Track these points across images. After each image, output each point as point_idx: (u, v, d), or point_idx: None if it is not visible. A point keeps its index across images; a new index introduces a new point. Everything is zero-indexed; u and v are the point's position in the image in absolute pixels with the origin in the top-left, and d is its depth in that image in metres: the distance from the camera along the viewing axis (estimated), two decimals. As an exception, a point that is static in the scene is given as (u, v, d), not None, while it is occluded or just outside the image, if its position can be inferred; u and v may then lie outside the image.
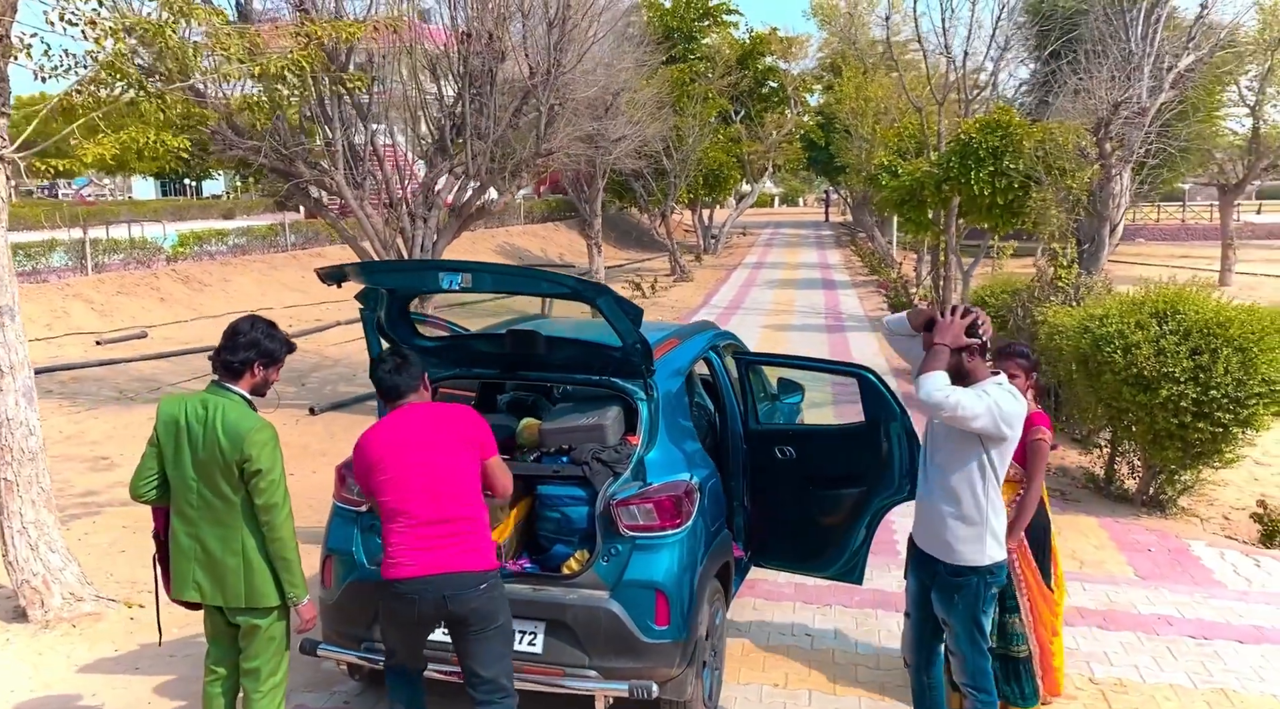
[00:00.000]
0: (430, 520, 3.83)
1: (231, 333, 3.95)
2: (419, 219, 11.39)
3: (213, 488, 3.84)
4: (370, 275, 4.70)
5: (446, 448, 3.88)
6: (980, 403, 3.76)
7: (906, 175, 16.68)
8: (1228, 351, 7.06)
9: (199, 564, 3.90)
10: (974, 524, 3.93)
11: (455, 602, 3.81)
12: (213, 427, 3.81)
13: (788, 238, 47.59)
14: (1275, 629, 5.82)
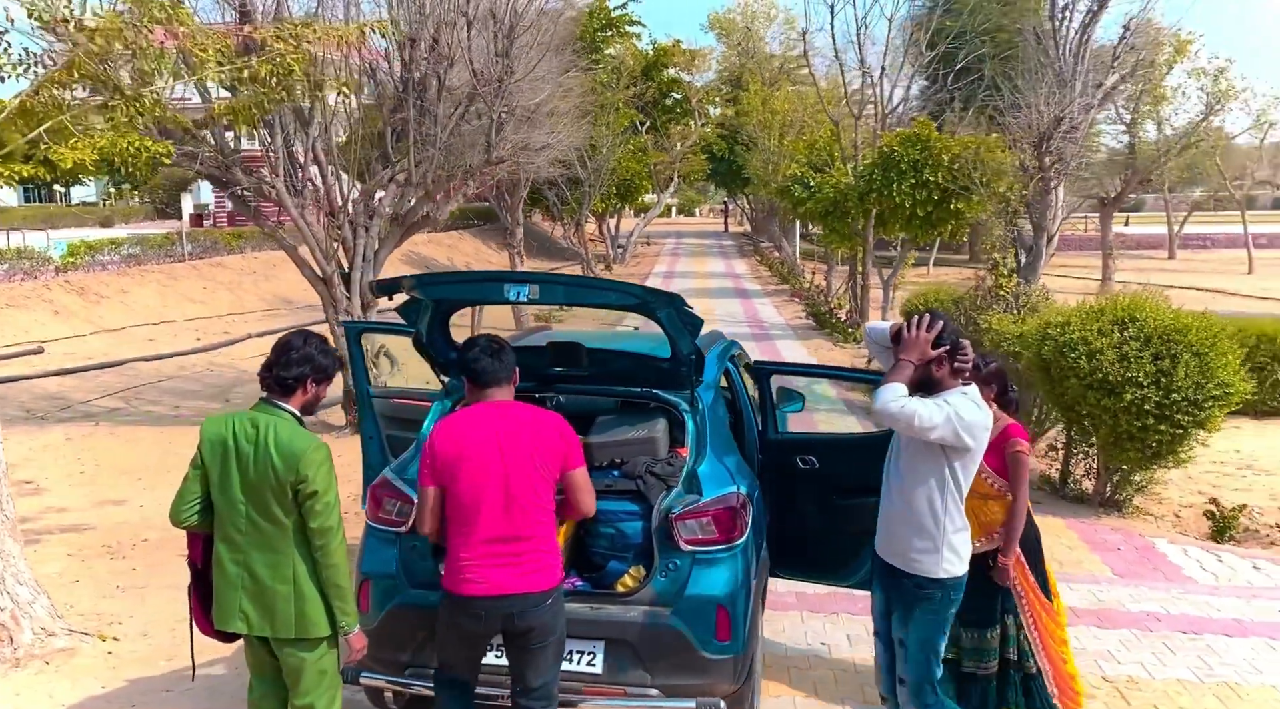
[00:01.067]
0: (502, 537, 3.71)
1: (283, 348, 3.75)
2: (360, 227, 11.07)
3: (263, 511, 3.62)
4: (431, 287, 4.52)
5: (529, 457, 3.74)
6: (939, 413, 3.70)
7: (830, 187, 17.01)
8: (1187, 356, 7.40)
9: (246, 593, 3.67)
10: (930, 536, 3.86)
11: (521, 619, 3.71)
12: (265, 446, 3.60)
13: (691, 247, 48.06)
14: (1254, 622, 6.11)
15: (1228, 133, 40.10)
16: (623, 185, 28.23)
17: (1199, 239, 51.91)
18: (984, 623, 4.49)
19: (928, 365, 3.82)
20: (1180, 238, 49.06)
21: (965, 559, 3.95)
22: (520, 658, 3.81)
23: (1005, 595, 4.47)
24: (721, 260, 40.26)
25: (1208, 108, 32.85)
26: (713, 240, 53.63)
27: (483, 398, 3.87)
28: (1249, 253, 41.37)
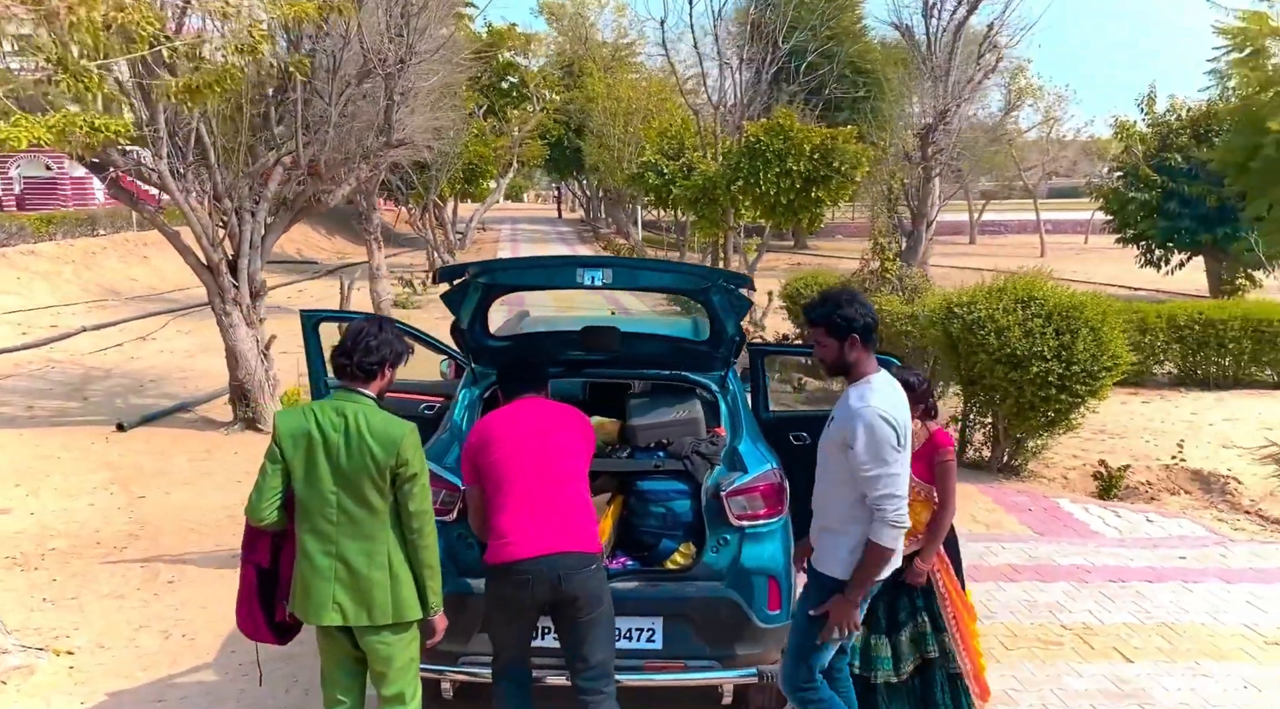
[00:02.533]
0: (545, 502, 3.84)
1: (359, 334, 3.72)
2: (246, 213, 10.57)
3: (358, 498, 3.59)
4: (500, 274, 4.46)
5: (563, 443, 3.95)
6: (878, 454, 3.59)
7: (699, 175, 17.41)
8: (1085, 331, 8.12)
9: (340, 584, 3.62)
10: (837, 535, 3.80)
11: (568, 582, 3.79)
12: (358, 434, 3.57)
13: (529, 234, 47.87)
14: (1165, 569, 6.82)
15: (1021, 128, 43.43)
16: (468, 170, 27.83)
17: (995, 226, 55.93)
18: (896, 626, 4.39)
19: (841, 348, 3.73)
20: (979, 225, 52.75)
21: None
22: (574, 634, 3.89)
23: (917, 595, 4.38)
24: (563, 246, 40.37)
25: (1008, 104, 35.49)
26: (548, 226, 53.64)
27: (519, 395, 4.11)
28: (1041, 238, 44.98)
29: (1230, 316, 14.23)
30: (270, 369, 10.87)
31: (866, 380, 3.73)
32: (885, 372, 3.84)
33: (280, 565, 3.85)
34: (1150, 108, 25.39)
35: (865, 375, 3.75)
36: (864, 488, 3.65)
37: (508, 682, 3.97)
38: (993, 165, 41.15)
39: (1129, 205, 24.35)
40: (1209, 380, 14.35)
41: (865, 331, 3.73)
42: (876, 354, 3.84)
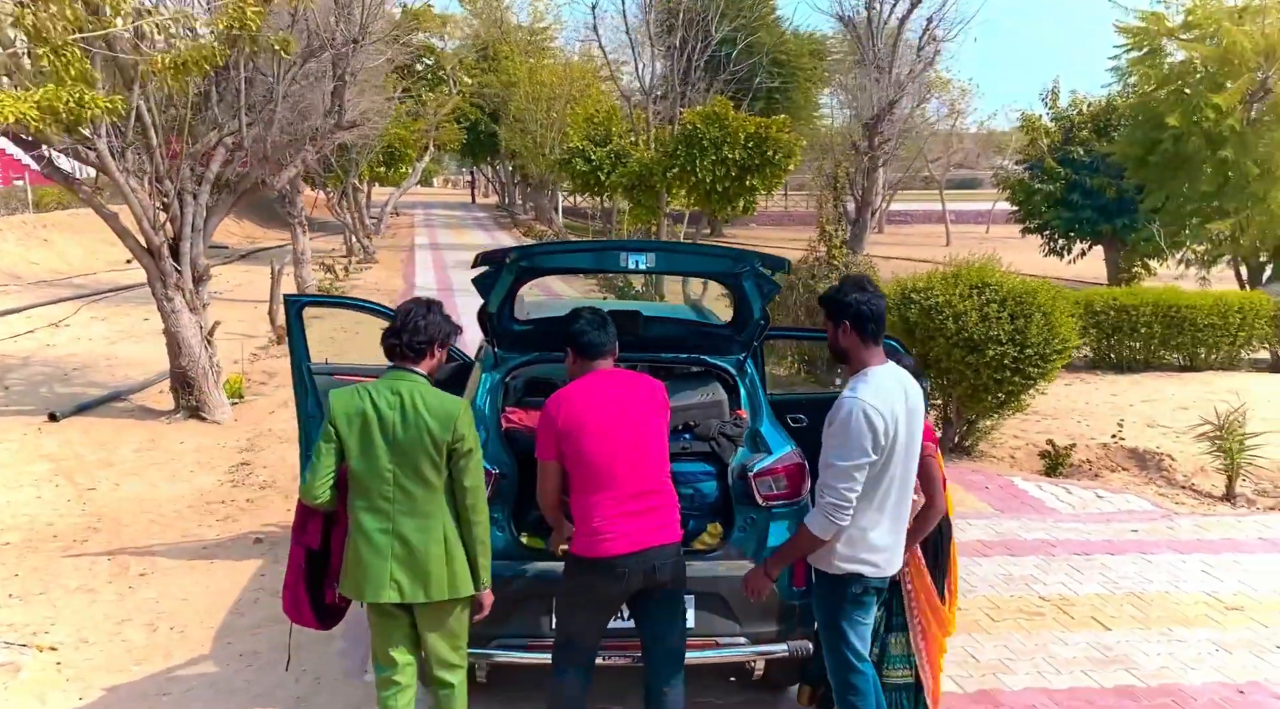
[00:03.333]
0: (636, 492, 3.82)
1: (408, 315, 3.77)
2: (189, 195, 10.22)
3: (415, 475, 3.64)
4: (543, 258, 4.42)
5: (645, 416, 3.89)
6: (843, 445, 3.64)
7: (635, 161, 17.47)
8: (1038, 316, 8.47)
9: (398, 561, 3.66)
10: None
11: (662, 571, 3.84)
12: (415, 411, 3.62)
13: (444, 219, 47.16)
14: (1122, 541, 7.19)
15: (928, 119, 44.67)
16: (387, 153, 27.32)
17: (901, 215, 57.40)
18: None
19: (836, 332, 3.79)
20: (886, 215, 54.04)
21: (863, 557, 3.82)
22: (658, 617, 3.93)
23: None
24: (482, 232, 39.93)
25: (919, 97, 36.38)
26: (462, 212, 52.94)
27: (589, 368, 3.97)
28: (946, 227, 46.36)
29: (1142, 303, 14.94)
30: (214, 356, 10.55)
31: (864, 373, 3.76)
32: (892, 365, 3.84)
33: (331, 548, 3.86)
34: (1054, 103, 26.38)
35: (865, 366, 3.77)
36: (821, 470, 3.71)
37: (574, 670, 3.94)
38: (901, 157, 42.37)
39: (1034, 196, 25.27)
40: (1122, 364, 15.06)
41: (857, 319, 3.74)
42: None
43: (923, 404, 3.91)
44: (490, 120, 40.49)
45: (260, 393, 11.76)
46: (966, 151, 51.63)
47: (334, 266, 22.52)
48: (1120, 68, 23.03)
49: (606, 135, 22.20)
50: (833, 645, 3.93)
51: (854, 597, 3.86)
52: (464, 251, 31.36)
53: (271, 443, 9.67)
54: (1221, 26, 19.55)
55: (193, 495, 8.19)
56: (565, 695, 3.98)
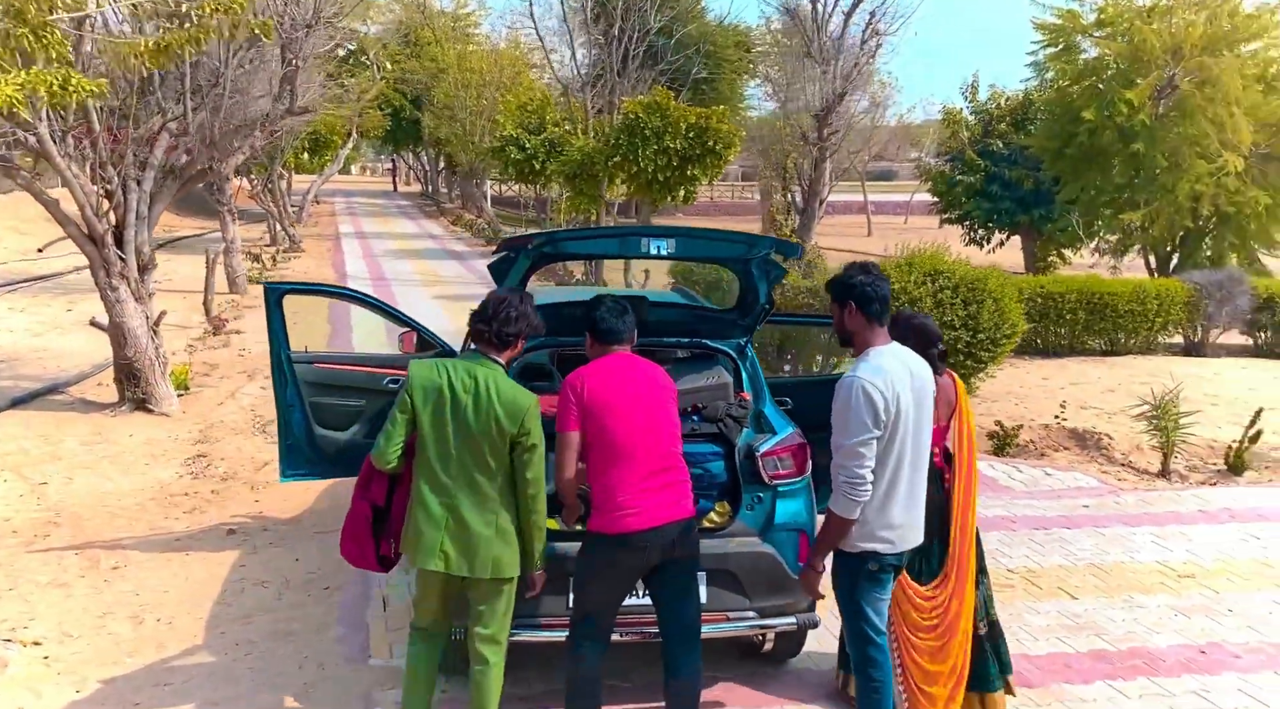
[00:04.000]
0: (654, 469, 3.94)
1: (502, 303, 3.91)
2: (132, 182, 9.95)
3: (477, 459, 3.79)
4: (566, 243, 4.46)
5: (658, 397, 4.02)
6: (845, 423, 3.77)
7: (576, 150, 17.48)
8: (989, 302, 8.80)
9: (449, 534, 3.82)
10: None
11: (680, 546, 3.98)
12: (487, 399, 3.78)
13: (366, 207, 46.34)
14: (1076, 516, 7.54)
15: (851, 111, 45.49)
16: (313, 139, 26.78)
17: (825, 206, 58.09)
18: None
19: (842, 315, 3.92)
20: (808, 204, 54.83)
21: (877, 534, 3.95)
22: (674, 592, 4.06)
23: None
24: (408, 221, 39.37)
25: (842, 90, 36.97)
26: (384, 200, 52.07)
27: (606, 352, 4.07)
28: (868, 218, 47.28)
29: (1067, 290, 15.54)
30: (160, 347, 10.30)
31: (866, 353, 3.88)
32: (896, 346, 3.96)
33: (393, 505, 4.04)
34: (974, 96, 27.16)
35: (868, 347, 3.89)
36: (833, 453, 3.86)
37: (591, 644, 4.05)
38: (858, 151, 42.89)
39: (955, 188, 25.99)
40: (1049, 349, 15.65)
41: (862, 300, 3.86)
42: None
43: (932, 384, 4.08)
44: (413, 107, 39.96)
45: (204, 384, 11.51)
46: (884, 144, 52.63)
47: (261, 256, 22.04)
48: (1038, 63, 23.83)
49: (540, 123, 22.15)
50: (852, 620, 4.09)
51: (870, 574, 4.00)
52: (391, 240, 30.97)
53: (225, 434, 9.50)
54: (1133, 25, 20.37)
55: (152, 488, 8.02)
56: (583, 669, 4.08)
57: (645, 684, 4.76)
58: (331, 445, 5.99)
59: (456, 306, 17.17)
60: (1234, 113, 19.00)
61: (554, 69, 22.58)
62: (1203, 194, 19.14)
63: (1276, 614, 5.86)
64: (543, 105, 22.20)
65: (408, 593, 5.84)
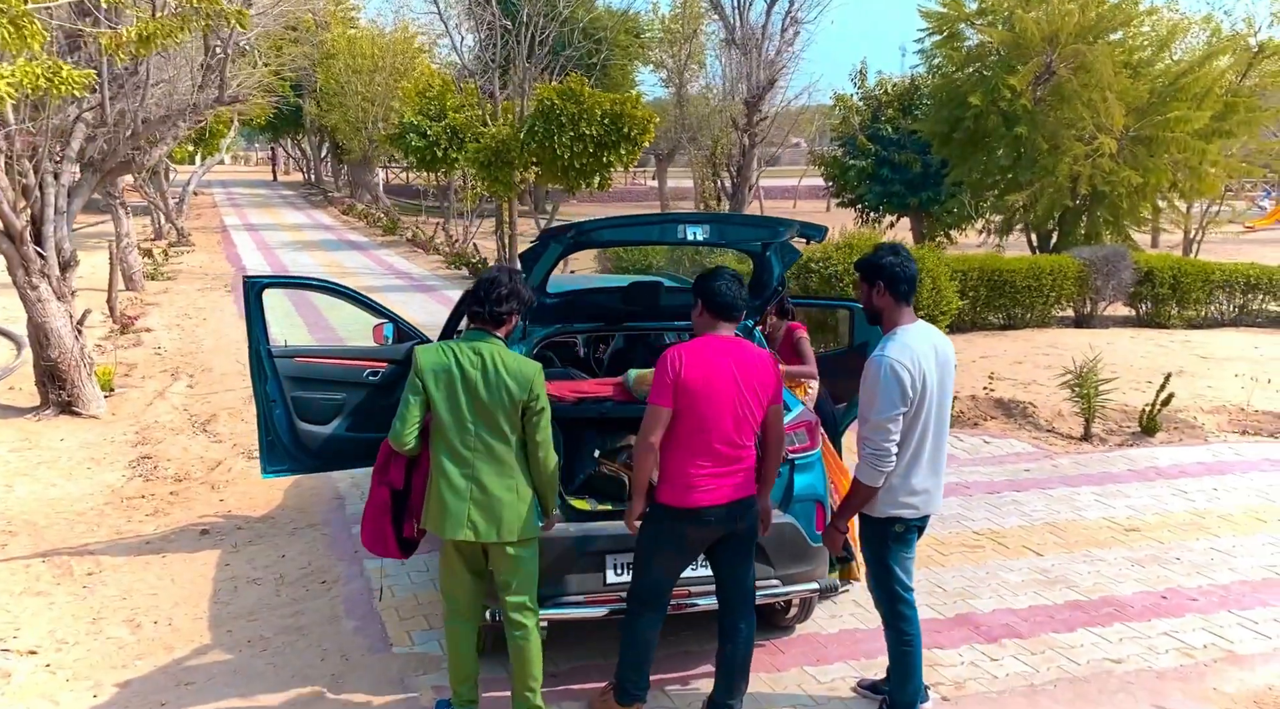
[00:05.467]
0: (730, 452, 4.07)
1: (493, 283, 4.10)
2: (49, 175, 9.50)
3: (493, 428, 4.01)
4: (606, 231, 4.52)
5: (755, 387, 4.09)
6: (874, 399, 4.05)
7: (490, 137, 17.35)
8: (927, 280, 9.22)
9: (475, 503, 4.01)
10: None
11: (742, 520, 4.17)
12: (496, 371, 3.99)
13: (249, 198, 44.69)
14: (1019, 481, 8.01)
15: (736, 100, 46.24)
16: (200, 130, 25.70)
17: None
18: None
19: (870, 293, 4.19)
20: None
21: (898, 500, 4.26)
22: (735, 561, 4.24)
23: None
24: (295, 211, 38.17)
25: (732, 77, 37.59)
26: (266, 190, 50.25)
27: (714, 329, 4.14)
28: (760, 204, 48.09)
29: (969, 268, 16.25)
30: (85, 347, 9.88)
31: (893, 332, 4.13)
32: (921, 324, 4.22)
33: (412, 487, 4.20)
34: (862, 82, 28.01)
35: (896, 325, 4.15)
36: (860, 426, 4.14)
37: (651, 611, 4.22)
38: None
39: (848, 172, 26.78)
40: (953, 324, 16.37)
41: (891, 280, 4.12)
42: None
43: (953, 357, 4.36)
44: (295, 94, 38.76)
45: (128, 384, 11.09)
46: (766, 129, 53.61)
47: (153, 251, 21.16)
48: (925, 49, 24.71)
49: (441, 110, 21.85)
50: (881, 580, 4.35)
51: (896, 536, 4.29)
52: (282, 231, 30.08)
53: (166, 435, 9.21)
54: (1013, 13, 21.32)
55: (104, 492, 7.75)
56: (640, 634, 4.24)
57: (674, 654, 4.93)
58: (314, 440, 5.93)
59: (380, 300, 16.88)
60: (1107, 97, 20.10)
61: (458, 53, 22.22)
62: (1080, 174, 20.22)
63: (1217, 560, 6.40)
64: (443, 92, 21.90)
65: (410, 584, 5.88)
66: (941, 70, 24.38)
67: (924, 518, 4.36)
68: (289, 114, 40.61)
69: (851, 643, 5.22)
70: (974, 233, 24.61)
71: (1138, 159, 20.55)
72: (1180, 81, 20.82)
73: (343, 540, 6.59)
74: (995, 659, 5.09)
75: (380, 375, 6.08)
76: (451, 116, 21.36)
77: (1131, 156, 20.57)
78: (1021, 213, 21.81)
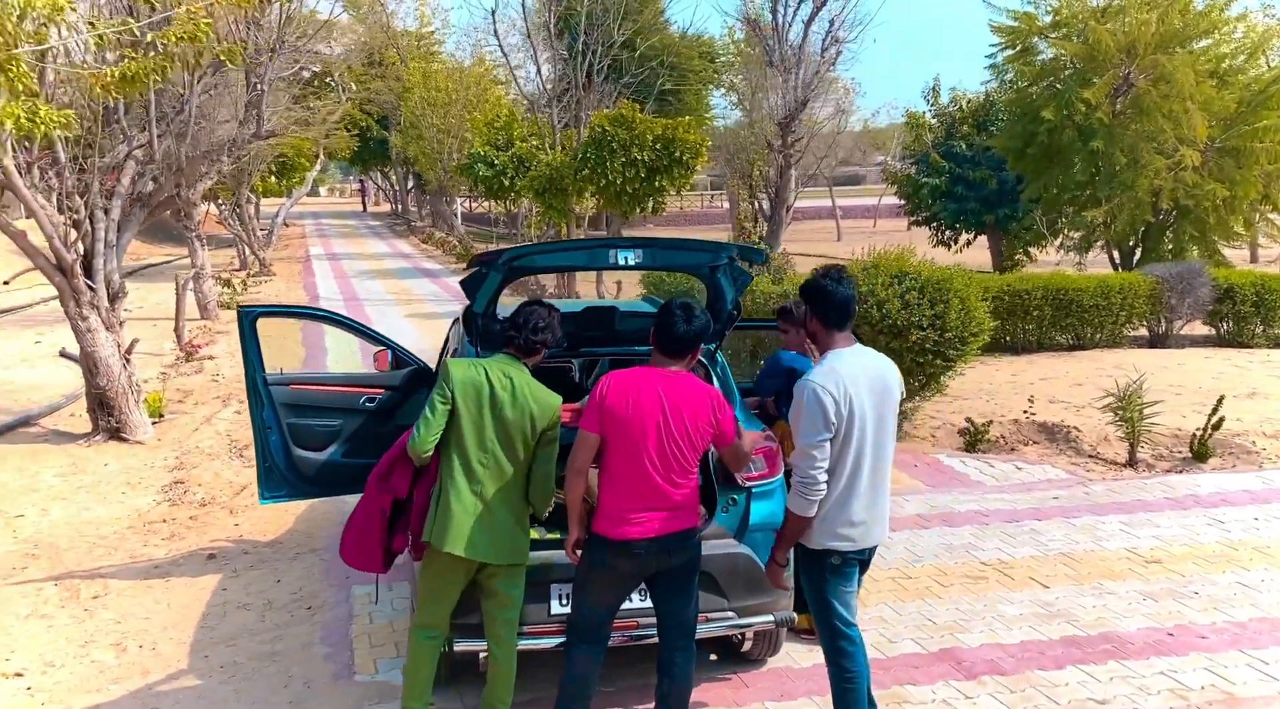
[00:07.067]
0: (663, 484, 4.00)
1: (533, 315, 4.25)
2: (99, 211, 9.94)
3: (509, 451, 4.14)
4: (536, 257, 4.54)
5: (686, 428, 4.01)
6: (798, 425, 3.94)
7: (545, 165, 17.58)
8: (955, 302, 8.94)
9: (478, 521, 4.08)
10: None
11: (676, 554, 4.08)
12: (524, 397, 4.13)
13: (337, 229, 46.19)
14: (1046, 507, 7.68)
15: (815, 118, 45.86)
16: (280, 163, 26.74)
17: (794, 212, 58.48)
18: None
19: (808, 318, 4.15)
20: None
21: (836, 532, 4.08)
22: (671, 598, 4.16)
23: None
24: (379, 241, 39.29)
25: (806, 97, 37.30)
26: (355, 221, 51.91)
27: (661, 363, 4.10)
28: (837, 223, 47.62)
29: (1034, 287, 15.77)
30: (133, 375, 10.27)
31: (824, 357, 4.04)
32: (858, 348, 4.14)
33: (414, 496, 4.28)
34: (935, 99, 27.52)
35: (828, 350, 4.05)
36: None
37: (588, 646, 4.17)
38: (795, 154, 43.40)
39: (921, 190, 26.30)
40: (1017, 345, 15.88)
41: (819, 306, 4.06)
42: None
43: (897, 383, 4.19)
44: (381, 127, 39.95)
45: (179, 411, 11.48)
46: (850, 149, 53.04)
47: (231, 280, 21.96)
48: (997, 65, 24.17)
49: (509, 140, 22.24)
50: (821, 614, 4.19)
51: (833, 568, 4.10)
52: (363, 260, 30.93)
53: (202, 460, 9.49)
54: (1087, 25, 20.71)
55: (130, 516, 8.01)
56: (578, 671, 4.17)
57: (630, 688, 4.84)
58: (310, 466, 6.02)
59: (430, 325, 17.20)
60: (1189, 108, 19.35)
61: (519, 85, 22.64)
62: (1162, 189, 19.48)
63: (1240, 594, 6.01)
64: (509, 122, 22.29)
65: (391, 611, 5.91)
66: (1014, 85, 23.85)
67: (864, 551, 4.18)
68: (376, 147, 41.90)
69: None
70: (1053, 250, 23.84)
71: (1224, 171, 19.72)
72: (1271, 89, 19.91)
73: (337, 566, 6.64)
74: (970, 698, 4.87)
75: (376, 402, 6.16)
76: (518, 146, 21.72)
77: (1218, 169, 19.75)
78: (1101, 229, 21.13)
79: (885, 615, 5.78)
